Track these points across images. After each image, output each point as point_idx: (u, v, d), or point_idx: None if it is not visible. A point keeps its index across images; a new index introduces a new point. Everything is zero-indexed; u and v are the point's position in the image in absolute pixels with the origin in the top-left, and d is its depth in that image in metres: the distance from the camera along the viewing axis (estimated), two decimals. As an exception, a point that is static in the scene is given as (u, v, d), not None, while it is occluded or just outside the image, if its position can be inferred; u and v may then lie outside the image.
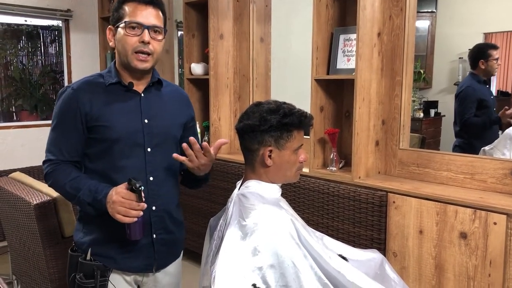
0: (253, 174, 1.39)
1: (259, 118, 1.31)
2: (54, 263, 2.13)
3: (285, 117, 1.31)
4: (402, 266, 2.05)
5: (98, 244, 1.47)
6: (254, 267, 1.20)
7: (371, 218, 2.13)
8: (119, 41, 1.42)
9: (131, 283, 1.52)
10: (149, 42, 1.40)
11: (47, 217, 2.10)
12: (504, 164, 1.97)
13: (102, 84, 1.46)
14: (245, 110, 1.40)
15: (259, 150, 1.34)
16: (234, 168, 2.82)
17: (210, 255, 1.37)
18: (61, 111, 1.44)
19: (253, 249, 1.21)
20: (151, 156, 1.47)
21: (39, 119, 4.36)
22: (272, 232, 1.23)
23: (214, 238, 1.39)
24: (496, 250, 1.78)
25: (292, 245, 1.22)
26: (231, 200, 1.39)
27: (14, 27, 4.25)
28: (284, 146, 1.33)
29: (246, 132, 1.34)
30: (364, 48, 2.15)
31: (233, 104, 3.17)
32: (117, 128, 1.42)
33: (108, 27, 1.47)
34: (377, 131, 2.31)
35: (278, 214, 1.28)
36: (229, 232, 1.27)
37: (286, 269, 1.20)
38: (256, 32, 3.06)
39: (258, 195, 1.34)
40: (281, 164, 1.36)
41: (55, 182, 1.44)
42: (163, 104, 1.53)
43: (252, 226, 1.25)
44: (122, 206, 1.31)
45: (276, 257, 1.21)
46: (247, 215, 1.28)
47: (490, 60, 2.76)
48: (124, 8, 1.41)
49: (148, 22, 1.40)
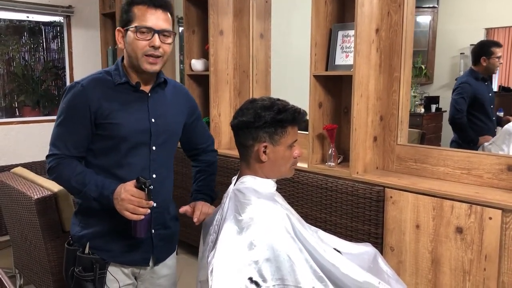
0: (248, 169, 1.41)
1: (253, 115, 1.33)
2: (55, 256, 2.16)
3: (279, 113, 1.33)
4: (399, 260, 2.07)
5: (96, 238, 1.49)
6: (250, 261, 1.22)
7: (368, 213, 2.15)
8: (129, 44, 1.43)
9: (129, 275, 1.55)
10: (160, 46, 1.41)
11: (48, 212, 2.13)
12: (500, 160, 1.98)
13: (111, 83, 1.47)
14: (240, 107, 1.42)
15: (253, 146, 1.36)
16: (234, 164, 2.84)
17: (206, 250, 1.40)
18: (69, 107, 1.44)
19: (249, 243, 1.24)
20: (155, 155, 1.50)
21: (41, 115, 4.39)
22: (268, 227, 1.25)
23: (210, 233, 1.42)
24: (491, 245, 1.79)
25: (287, 239, 1.25)
26: (226, 196, 1.41)
27: (16, 23, 4.27)
28: (279, 142, 1.35)
29: (241, 128, 1.36)
30: (362, 44, 2.16)
31: (233, 100, 3.18)
32: (126, 126, 1.44)
33: (117, 29, 1.47)
34: (375, 126, 2.32)
35: (274, 208, 1.30)
36: (226, 227, 1.29)
37: (281, 262, 1.22)
38: (256, 28, 3.07)
39: (253, 190, 1.36)
40: (275, 160, 1.37)
41: (59, 176, 1.46)
42: (167, 103, 1.56)
43: (248, 220, 1.27)
44: (131, 203, 1.33)
45: (272, 251, 1.23)
46: (243, 210, 1.30)
47: (492, 58, 2.76)
48: (133, 10, 1.41)
49: (158, 26, 1.40)
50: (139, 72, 1.47)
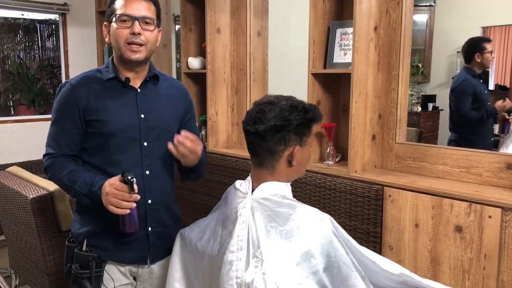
0: (270, 175, 1.31)
1: (281, 118, 1.25)
2: (51, 256, 2.15)
3: (306, 113, 1.28)
4: (398, 259, 2.06)
5: (93, 235, 1.49)
6: (308, 273, 1.17)
7: (367, 212, 2.14)
8: (112, 35, 1.45)
9: (126, 274, 1.54)
10: (140, 33, 1.42)
11: (43, 211, 2.11)
12: (500, 158, 1.97)
13: (100, 79, 1.48)
14: (253, 111, 1.30)
15: (284, 150, 1.28)
16: (231, 162, 2.82)
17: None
18: (60, 106, 1.47)
19: (303, 254, 1.18)
20: (147, 151, 1.49)
21: (36, 114, 4.36)
22: (319, 233, 1.20)
23: (230, 249, 1.25)
24: (490, 244, 1.79)
25: (337, 243, 1.21)
26: (243, 207, 1.29)
27: (11, 21, 4.24)
28: (306, 142, 1.31)
29: (270, 133, 1.26)
30: (360, 42, 2.15)
31: (230, 98, 3.16)
32: (113, 122, 1.44)
33: (103, 24, 1.50)
34: (373, 125, 2.31)
35: (318, 213, 1.25)
36: (267, 241, 1.21)
37: (338, 269, 1.18)
38: (253, 26, 3.05)
39: (282, 196, 1.30)
40: (302, 161, 1.33)
41: (53, 174, 1.48)
42: (159, 98, 1.55)
43: (295, 229, 1.21)
44: (114, 197, 1.33)
45: (328, 258, 1.18)
46: (285, 219, 1.23)
47: (485, 53, 2.77)
48: (116, 2, 1.44)
49: (138, 14, 1.42)
50: (126, 64, 1.47)
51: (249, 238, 1.24)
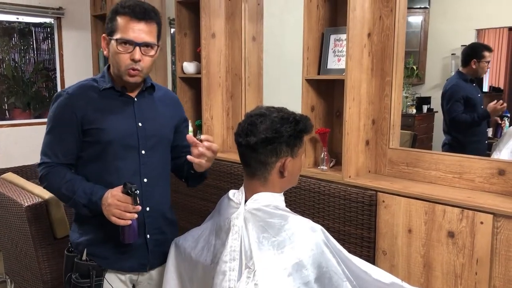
0: (263, 186, 1.33)
1: (273, 130, 1.26)
2: (46, 264, 2.15)
3: (297, 125, 1.29)
4: (391, 264, 2.08)
5: (93, 244, 1.50)
6: (299, 283, 1.18)
7: (361, 217, 2.15)
8: (112, 55, 1.44)
9: (126, 282, 1.55)
10: (140, 60, 1.42)
11: (38, 219, 2.11)
12: (492, 164, 1.99)
13: (96, 89, 1.49)
14: (244, 123, 1.31)
15: (276, 162, 1.30)
16: (226, 167, 2.83)
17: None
18: (56, 115, 1.47)
19: (294, 265, 1.19)
20: (145, 158, 1.50)
21: (32, 117, 4.36)
22: (309, 244, 1.22)
23: (223, 260, 1.27)
24: (482, 249, 1.81)
25: (328, 254, 1.22)
26: (236, 217, 1.30)
27: (5, 24, 4.23)
28: (297, 153, 1.32)
29: (262, 145, 1.27)
30: (354, 48, 2.16)
31: (225, 103, 3.17)
32: (111, 131, 1.45)
33: (102, 36, 1.49)
34: (367, 130, 2.32)
35: (309, 224, 1.26)
36: (259, 252, 1.22)
37: (329, 279, 1.20)
38: (248, 31, 3.06)
39: (275, 207, 1.31)
40: (293, 172, 1.34)
41: (50, 184, 1.48)
42: (155, 107, 1.57)
43: (287, 240, 1.22)
44: (117, 208, 1.34)
45: (319, 269, 1.20)
46: (277, 230, 1.24)
47: (482, 62, 2.77)
48: (118, 20, 1.42)
49: (139, 39, 1.41)
50: (123, 81, 1.48)
51: (242, 249, 1.25)
